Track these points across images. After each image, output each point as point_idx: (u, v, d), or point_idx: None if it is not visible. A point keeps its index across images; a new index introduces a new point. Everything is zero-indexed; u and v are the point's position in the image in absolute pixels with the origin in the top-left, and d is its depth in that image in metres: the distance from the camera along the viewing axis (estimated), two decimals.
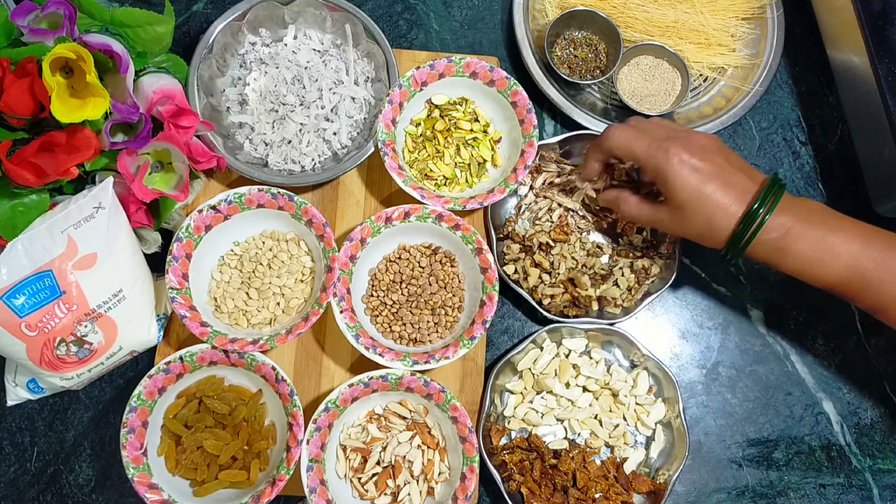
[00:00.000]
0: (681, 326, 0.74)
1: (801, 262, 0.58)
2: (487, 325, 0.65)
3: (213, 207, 0.65)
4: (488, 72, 0.72)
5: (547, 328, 0.68)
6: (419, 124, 0.74)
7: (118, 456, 0.66)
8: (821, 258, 0.58)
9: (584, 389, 0.69)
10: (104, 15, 0.64)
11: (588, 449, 0.67)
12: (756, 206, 0.57)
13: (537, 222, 0.73)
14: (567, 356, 0.70)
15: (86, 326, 0.60)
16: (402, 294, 0.69)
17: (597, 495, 0.65)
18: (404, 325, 0.68)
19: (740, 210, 0.58)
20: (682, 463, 0.65)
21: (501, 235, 0.73)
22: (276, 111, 0.71)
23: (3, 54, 0.57)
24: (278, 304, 0.67)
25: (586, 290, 0.69)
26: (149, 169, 0.63)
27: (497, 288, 0.66)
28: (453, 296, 0.69)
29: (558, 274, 0.70)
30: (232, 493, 0.63)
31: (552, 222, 0.73)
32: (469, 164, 0.73)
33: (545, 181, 0.74)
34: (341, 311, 0.64)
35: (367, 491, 0.64)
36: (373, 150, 0.70)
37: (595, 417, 0.69)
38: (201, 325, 0.63)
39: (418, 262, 0.69)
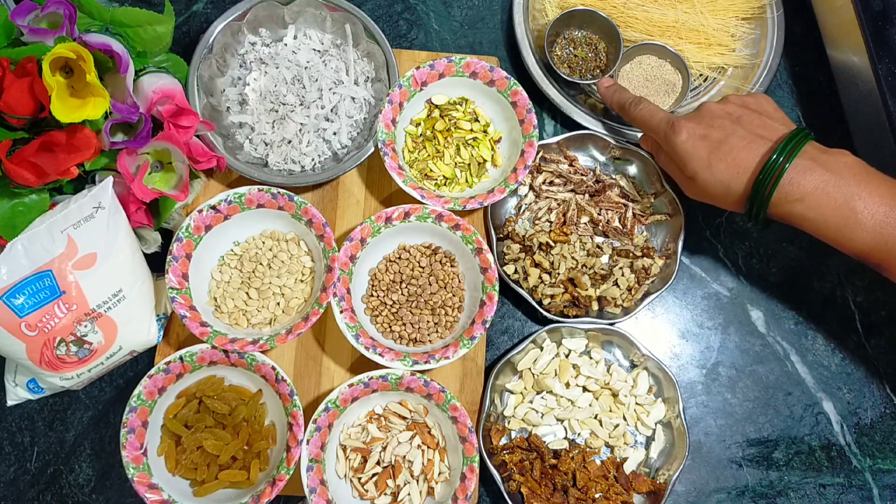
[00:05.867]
0: (681, 326, 0.74)
1: (823, 228, 0.54)
2: (487, 325, 0.65)
3: (213, 207, 0.65)
4: (488, 72, 0.72)
5: (547, 328, 0.68)
6: (419, 124, 0.74)
7: (118, 456, 0.66)
8: (845, 224, 0.53)
9: (584, 389, 0.69)
10: (104, 15, 0.64)
11: (588, 449, 0.67)
12: (774, 156, 0.52)
13: (537, 222, 0.73)
14: (567, 356, 0.70)
15: (86, 326, 0.60)
16: (402, 294, 0.69)
17: (597, 495, 0.65)
18: (404, 325, 0.68)
19: (754, 166, 0.53)
20: (682, 463, 0.65)
21: (501, 235, 0.72)
22: (276, 111, 0.71)
23: (3, 54, 0.57)
24: (278, 304, 0.67)
25: (586, 290, 0.69)
26: (149, 169, 0.63)
27: (497, 288, 0.66)
28: (453, 296, 0.69)
29: (558, 274, 0.70)
30: (232, 493, 0.63)
31: (552, 222, 0.73)
32: (469, 164, 0.73)
33: (545, 181, 0.74)
34: (341, 311, 0.64)
35: (367, 491, 0.64)
36: (373, 150, 0.70)
37: (595, 417, 0.69)
38: (201, 325, 0.63)
39: (418, 262, 0.69)
